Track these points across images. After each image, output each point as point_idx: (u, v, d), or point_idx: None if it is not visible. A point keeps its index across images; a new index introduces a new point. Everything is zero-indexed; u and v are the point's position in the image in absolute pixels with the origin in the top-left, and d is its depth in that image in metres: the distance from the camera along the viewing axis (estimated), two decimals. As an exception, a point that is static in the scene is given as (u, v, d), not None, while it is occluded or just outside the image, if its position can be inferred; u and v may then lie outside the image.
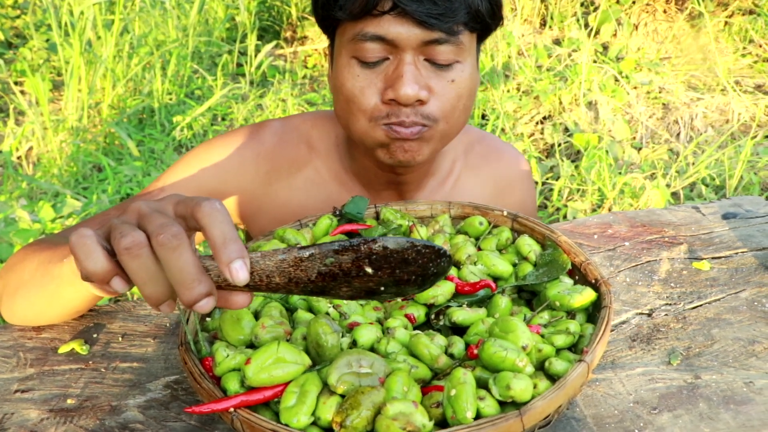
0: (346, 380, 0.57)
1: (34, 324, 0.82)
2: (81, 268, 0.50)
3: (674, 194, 2.65)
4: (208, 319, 0.71)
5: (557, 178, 2.73)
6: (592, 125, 3.08)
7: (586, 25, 3.81)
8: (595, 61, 3.47)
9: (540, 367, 0.63)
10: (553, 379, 0.61)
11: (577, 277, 0.75)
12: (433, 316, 0.72)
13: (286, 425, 0.55)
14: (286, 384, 0.58)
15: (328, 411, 0.56)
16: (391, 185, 0.93)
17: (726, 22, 3.77)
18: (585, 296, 0.70)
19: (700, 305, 0.86)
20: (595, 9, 3.86)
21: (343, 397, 0.57)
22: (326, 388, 0.58)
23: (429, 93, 0.78)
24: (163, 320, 0.84)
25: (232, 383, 0.59)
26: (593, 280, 0.72)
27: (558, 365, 0.61)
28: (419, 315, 0.71)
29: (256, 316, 0.70)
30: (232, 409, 0.56)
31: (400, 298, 0.56)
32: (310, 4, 0.84)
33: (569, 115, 3.11)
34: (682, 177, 2.67)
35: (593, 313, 0.71)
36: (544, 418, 0.58)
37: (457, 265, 0.78)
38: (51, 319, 0.81)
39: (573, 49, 3.56)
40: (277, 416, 0.58)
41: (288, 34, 3.96)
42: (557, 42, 3.80)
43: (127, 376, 0.75)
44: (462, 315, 0.69)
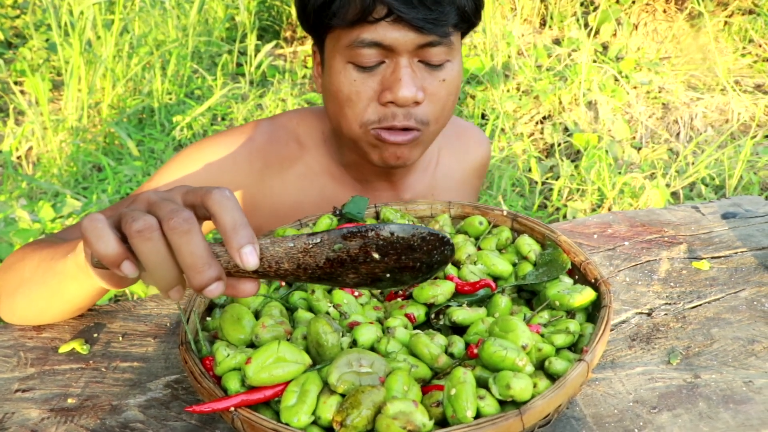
0: (347, 379, 0.57)
1: (34, 323, 0.82)
2: (92, 250, 0.51)
3: (674, 194, 2.65)
4: (208, 319, 0.71)
5: (557, 178, 2.73)
6: (592, 125, 3.08)
7: (586, 25, 3.81)
8: (595, 61, 3.47)
9: (540, 367, 0.63)
10: (553, 378, 0.61)
11: (576, 277, 0.76)
12: (433, 316, 0.72)
13: (287, 424, 0.55)
14: (287, 383, 0.59)
15: (329, 410, 0.56)
16: (381, 175, 0.96)
17: (726, 22, 3.77)
18: (585, 296, 0.70)
19: (700, 305, 0.86)
20: (595, 9, 3.87)
21: (343, 396, 0.57)
22: (326, 388, 0.58)
23: (424, 94, 0.80)
24: (164, 320, 0.84)
25: (233, 382, 0.59)
26: (593, 280, 0.72)
27: (558, 365, 0.61)
28: (419, 314, 0.71)
29: (257, 315, 0.70)
30: (233, 409, 0.56)
31: (404, 287, 0.57)
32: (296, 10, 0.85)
33: (569, 115, 3.11)
34: (682, 177, 2.67)
35: (593, 313, 0.71)
36: (544, 418, 0.58)
37: (457, 264, 0.78)
38: (52, 317, 0.81)
39: (573, 49, 3.56)
40: (278, 415, 0.58)
41: (288, 34, 3.96)
42: (557, 42, 3.80)
43: (128, 376, 0.75)
44: (462, 314, 0.69)
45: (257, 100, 3.23)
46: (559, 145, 2.97)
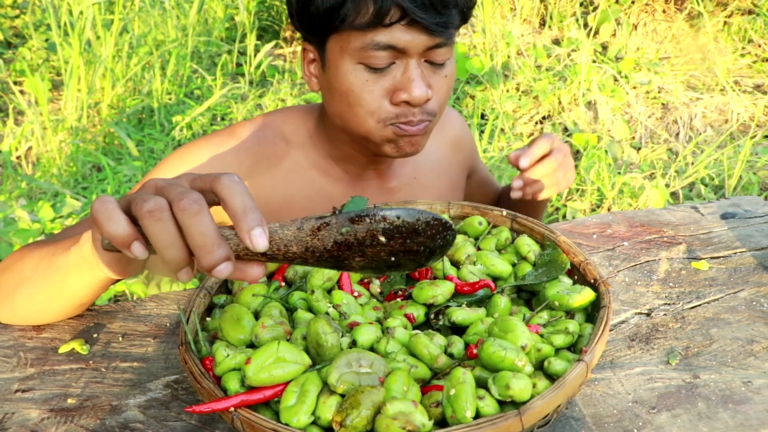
0: (346, 380, 0.57)
1: (36, 322, 0.82)
2: (103, 231, 0.52)
3: (673, 194, 2.65)
4: (208, 319, 0.71)
5: (556, 178, 2.72)
6: (592, 125, 3.08)
7: (586, 25, 3.81)
8: (595, 61, 3.47)
9: (539, 367, 0.63)
10: (552, 378, 0.62)
11: (576, 277, 0.76)
12: (433, 316, 0.73)
13: (287, 425, 0.55)
14: (287, 383, 0.59)
15: (328, 410, 0.56)
16: (369, 166, 1.00)
17: (725, 22, 3.77)
18: (584, 296, 0.70)
19: (699, 305, 0.86)
20: (595, 9, 3.87)
21: (343, 396, 0.57)
22: (326, 388, 0.58)
23: (431, 91, 0.85)
24: (163, 320, 0.84)
25: (233, 383, 0.59)
26: (592, 280, 0.72)
27: (557, 365, 0.61)
28: (419, 315, 0.72)
29: (256, 315, 0.70)
30: (233, 409, 0.56)
31: (407, 271, 0.58)
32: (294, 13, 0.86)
33: (568, 115, 3.12)
34: (681, 177, 2.67)
35: (592, 313, 0.71)
36: (543, 418, 0.58)
37: (456, 265, 0.78)
38: (54, 315, 0.81)
39: (572, 49, 3.56)
40: (278, 416, 0.58)
41: (287, 34, 3.96)
42: (556, 42, 3.80)
43: (128, 376, 0.75)
44: (461, 315, 0.69)
45: (257, 100, 3.23)
46: (559, 145, 2.97)
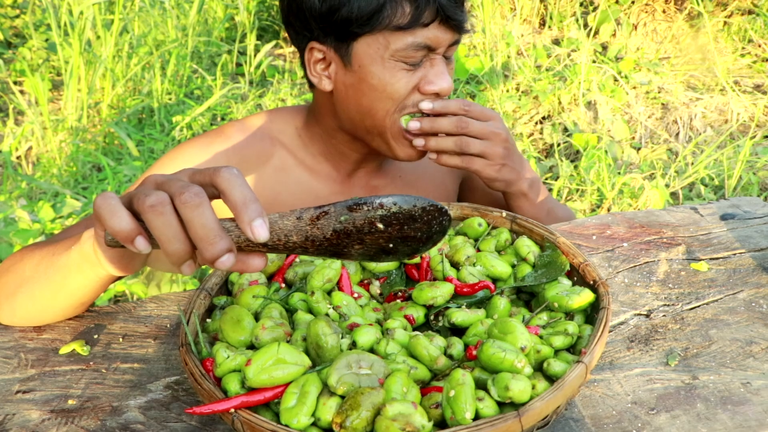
0: (346, 381, 0.58)
1: (36, 323, 0.82)
2: (106, 227, 0.53)
3: (673, 194, 2.65)
4: (208, 321, 0.72)
5: (556, 178, 2.73)
6: (591, 125, 3.08)
7: (586, 25, 3.81)
8: (594, 61, 3.47)
9: (538, 368, 0.63)
10: (552, 379, 0.62)
11: (575, 278, 0.76)
12: (432, 317, 0.73)
13: (287, 426, 0.55)
14: (287, 385, 0.59)
15: (328, 412, 0.56)
16: (359, 164, 1.03)
17: (725, 22, 3.77)
18: (583, 297, 0.70)
19: (698, 306, 0.86)
20: (594, 9, 3.87)
21: (342, 398, 0.57)
22: (326, 389, 0.58)
23: None
24: (164, 321, 0.84)
25: (233, 384, 0.59)
26: (592, 281, 0.72)
27: (556, 366, 0.61)
28: (418, 316, 0.72)
29: (257, 317, 0.70)
30: (233, 410, 0.57)
31: (406, 258, 0.59)
32: (314, 14, 0.89)
33: (568, 115, 3.12)
34: (681, 177, 2.67)
35: (591, 314, 0.71)
36: (543, 419, 0.58)
37: (456, 266, 0.78)
38: (55, 315, 0.81)
39: (572, 49, 3.56)
40: (278, 417, 0.58)
41: (287, 34, 3.96)
42: (556, 42, 3.80)
43: (128, 377, 0.75)
44: (461, 316, 0.70)
45: (257, 100, 3.23)
46: (559, 145, 2.97)
